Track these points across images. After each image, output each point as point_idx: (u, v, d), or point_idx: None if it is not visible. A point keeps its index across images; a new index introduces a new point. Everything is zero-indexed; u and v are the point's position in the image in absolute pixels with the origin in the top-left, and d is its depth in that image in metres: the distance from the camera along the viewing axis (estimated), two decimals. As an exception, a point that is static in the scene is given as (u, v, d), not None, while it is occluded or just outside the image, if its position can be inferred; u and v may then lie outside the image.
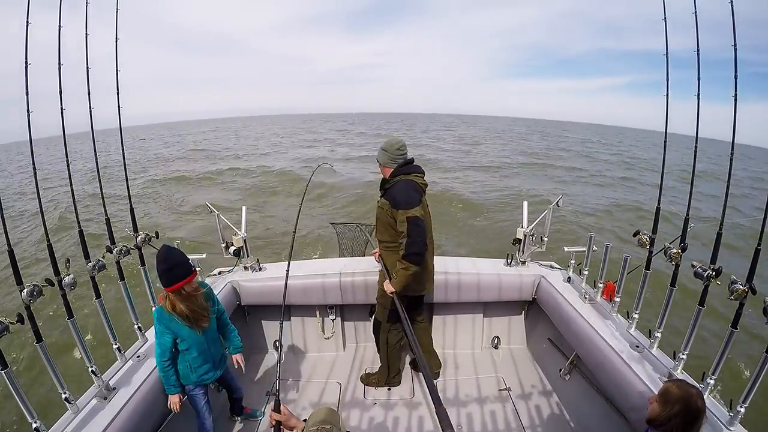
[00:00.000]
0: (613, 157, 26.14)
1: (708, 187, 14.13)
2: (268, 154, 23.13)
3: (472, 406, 2.58)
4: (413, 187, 2.27)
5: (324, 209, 10.66)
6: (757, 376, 1.51)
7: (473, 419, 2.47)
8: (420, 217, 2.19)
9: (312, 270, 2.92)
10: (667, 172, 2.14)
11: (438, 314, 3.13)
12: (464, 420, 2.47)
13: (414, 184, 2.28)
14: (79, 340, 1.76)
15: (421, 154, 20.88)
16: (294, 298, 2.86)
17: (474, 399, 2.64)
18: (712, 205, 10.68)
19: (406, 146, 2.35)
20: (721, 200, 1.78)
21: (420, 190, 2.30)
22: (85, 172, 15.36)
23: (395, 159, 2.31)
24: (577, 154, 25.68)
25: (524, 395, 2.67)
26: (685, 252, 1.89)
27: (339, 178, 13.88)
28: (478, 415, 2.50)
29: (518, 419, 2.46)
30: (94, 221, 8.14)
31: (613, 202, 11.85)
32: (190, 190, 13.88)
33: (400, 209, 2.20)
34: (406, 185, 2.26)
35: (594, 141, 43.32)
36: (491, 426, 2.43)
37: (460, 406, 2.57)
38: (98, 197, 2.23)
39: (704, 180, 16.13)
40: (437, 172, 15.71)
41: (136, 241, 2.19)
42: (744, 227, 7.66)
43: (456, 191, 12.11)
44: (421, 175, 2.35)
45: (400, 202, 2.21)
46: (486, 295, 2.90)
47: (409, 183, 2.27)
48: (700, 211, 9.77)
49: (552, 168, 18.55)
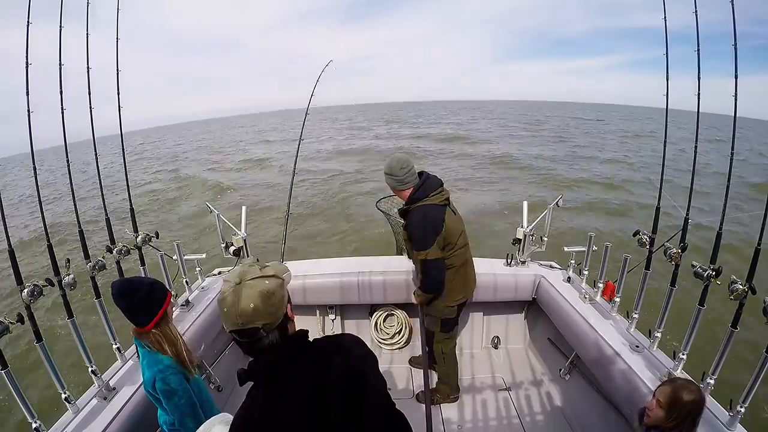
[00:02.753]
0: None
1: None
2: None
3: (471, 406, 2.58)
4: (430, 217, 2.06)
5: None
6: (757, 376, 1.51)
7: (473, 419, 2.47)
8: (436, 260, 2.07)
9: (312, 270, 2.92)
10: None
11: None
12: (464, 420, 2.47)
13: (430, 211, 2.07)
14: (79, 340, 1.76)
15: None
16: (294, 298, 2.85)
17: (474, 399, 2.64)
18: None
19: (410, 161, 2.12)
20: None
21: (439, 214, 2.09)
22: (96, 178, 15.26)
23: (405, 181, 2.09)
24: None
25: (524, 395, 2.67)
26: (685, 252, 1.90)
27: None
28: (478, 415, 2.50)
29: (518, 419, 2.46)
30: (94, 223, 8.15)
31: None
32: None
33: (414, 249, 2.12)
34: (422, 219, 2.06)
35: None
36: (491, 426, 2.43)
37: (460, 406, 2.57)
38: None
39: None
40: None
41: (137, 241, 2.19)
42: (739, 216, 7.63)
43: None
44: (438, 193, 2.11)
45: (414, 242, 2.10)
46: (486, 294, 2.90)
47: (427, 214, 2.07)
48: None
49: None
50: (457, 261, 2.21)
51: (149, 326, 1.44)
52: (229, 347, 2.80)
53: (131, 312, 1.43)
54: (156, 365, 1.44)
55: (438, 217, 2.08)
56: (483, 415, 2.50)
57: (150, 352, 1.46)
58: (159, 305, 1.47)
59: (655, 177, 12.46)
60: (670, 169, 11.23)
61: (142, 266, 2.27)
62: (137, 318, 1.44)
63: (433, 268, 2.10)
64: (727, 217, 1.70)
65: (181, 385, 1.46)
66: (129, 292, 1.42)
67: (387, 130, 32.38)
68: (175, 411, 1.45)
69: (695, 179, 1.99)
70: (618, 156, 18.21)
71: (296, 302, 2.91)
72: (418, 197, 2.09)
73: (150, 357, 1.46)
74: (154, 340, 1.46)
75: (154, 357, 1.46)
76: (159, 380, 1.42)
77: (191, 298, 2.58)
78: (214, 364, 2.60)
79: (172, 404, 1.44)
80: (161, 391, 1.42)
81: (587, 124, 39.19)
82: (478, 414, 2.51)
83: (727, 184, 1.76)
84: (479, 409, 2.55)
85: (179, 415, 1.45)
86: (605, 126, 37.60)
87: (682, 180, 9.86)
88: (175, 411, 1.45)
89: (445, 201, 2.15)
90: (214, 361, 2.61)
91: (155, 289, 1.47)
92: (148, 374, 1.45)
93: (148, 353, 1.46)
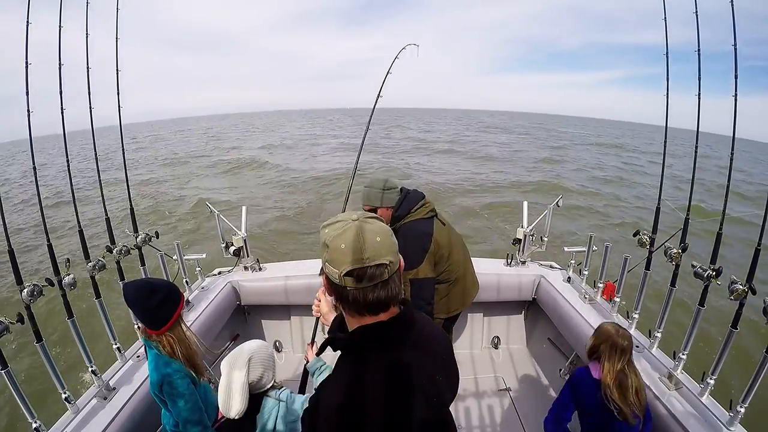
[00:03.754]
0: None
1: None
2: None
3: (471, 406, 2.58)
4: (417, 233, 1.98)
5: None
6: (757, 376, 1.51)
7: (473, 419, 2.47)
8: (425, 278, 1.95)
9: (312, 270, 2.91)
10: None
11: None
12: (464, 420, 2.47)
13: (416, 226, 2.00)
14: (79, 340, 1.76)
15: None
16: (294, 298, 2.86)
17: (474, 399, 2.64)
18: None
19: (392, 179, 2.06)
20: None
21: (426, 229, 2.01)
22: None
23: (387, 198, 1.99)
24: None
25: (524, 395, 2.66)
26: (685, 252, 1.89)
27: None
28: (478, 415, 2.50)
29: (518, 419, 2.46)
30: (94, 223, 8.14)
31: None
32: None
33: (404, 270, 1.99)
34: (408, 237, 1.96)
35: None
36: (491, 426, 2.43)
37: (460, 406, 2.57)
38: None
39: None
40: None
41: (136, 241, 2.19)
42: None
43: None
44: (421, 207, 2.04)
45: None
46: (486, 295, 2.90)
47: (412, 229, 1.99)
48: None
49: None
50: (452, 275, 2.10)
51: (164, 329, 1.42)
52: (230, 347, 2.80)
53: (149, 314, 1.40)
54: (165, 368, 1.41)
55: (426, 231, 1.99)
56: (483, 415, 2.50)
57: (160, 354, 1.42)
58: (176, 307, 1.44)
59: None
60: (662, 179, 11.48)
61: (142, 266, 2.27)
62: (155, 320, 1.41)
63: (421, 288, 1.96)
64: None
65: (189, 389, 1.44)
66: (148, 294, 1.39)
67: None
68: (181, 415, 1.42)
69: (695, 179, 1.99)
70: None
71: (296, 302, 2.91)
72: (400, 215, 2.01)
73: (159, 359, 1.43)
74: (167, 342, 1.42)
75: (163, 359, 1.42)
76: (167, 383, 1.40)
77: (191, 298, 2.59)
78: (214, 364, 2.60)
79: (178, 408, 1.41)
80: (168, 393, 1.40)
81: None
82: (478, 414, 2.51)
83: (727, 184, 1.77)
84: (479, 409, 2.55)
85: (184, 419, 1.43)
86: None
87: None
88: (180, 415, 1.42)
89: (430, 213, 2.06)
90: (215, 361, 2.61)
91: (173, 290, 1.45)
92: (155, 376, 1.42)
93: (158, 355, 1.43)
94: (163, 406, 1.49)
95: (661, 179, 2.14)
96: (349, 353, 0.82)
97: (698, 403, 1.70)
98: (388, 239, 0.77)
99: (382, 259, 0.74)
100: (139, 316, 1.43)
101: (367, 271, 0.74)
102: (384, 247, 0.75)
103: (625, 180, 15.53)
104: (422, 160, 18.49)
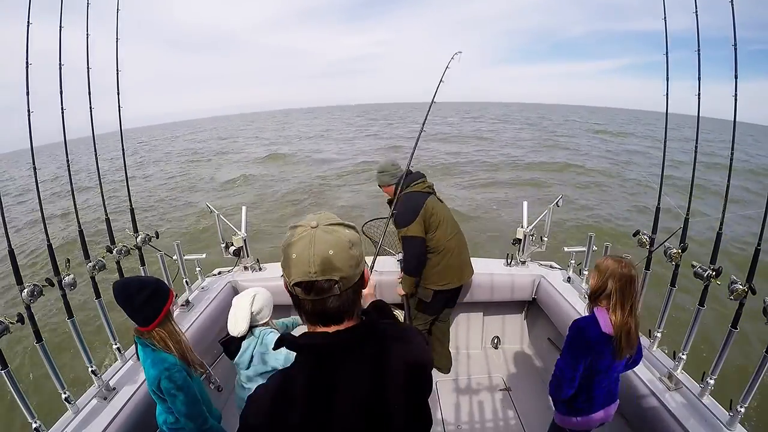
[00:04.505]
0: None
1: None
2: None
3: (471, 406, 2.58)
4: (412, 200, 2.36)
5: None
6: (757, 376, 1.51)
7: (473, 419, 2.47)
8: (414, 237, 2.32)
9: None
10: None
11: None
12: (464, 420, 2.47)
13: (412, 195, 2.38)
14: (79, 341, 1.76)
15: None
16: None
17: (473, 399, 2.64)
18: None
19: (398, 163, 2.55)
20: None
21: (420, 198, 2.38)
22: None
23: (396, 175, 2.45)
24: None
25: (524, 395, 2.66)
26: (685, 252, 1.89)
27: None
28: (478, 415, 2.50)
29: (518, 419, 2.46)
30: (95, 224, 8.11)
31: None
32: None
33: (399, 228, 2.37)
34: (405, 202, 2.35)
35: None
36: (491, 426, 2.43)
37: (460, 406, 2.57)
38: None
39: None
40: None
41: (136, 241, 2.19)
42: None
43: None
44: (420, 182, 2.44)
45: (398, 222, 2.35)
46: (485, 294, 2.90)
47: (409, 197, 2.37)
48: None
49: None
50: (440, 245, 2.39)
51: (154, 324, 1.43)
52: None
53: (136, 311, 1.41)
54: (161, 363, 1.43)
55: (419, 200, 2.37)
56: (482, 415, 2.50)
57: (154, 351, 1.44)
58: (164, 303, 1.46)
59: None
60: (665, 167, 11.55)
61: (142, 266, 2.27)
62: (142, 317, 1.43)
63: (412, 246, 2.34)
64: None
65: (186, 382, 1.46)
66: (135, 291, 1.40)
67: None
68: (181, 408, 1.44)
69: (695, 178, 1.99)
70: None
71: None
72: (402, 187, 2.39)
73: (154, 356, 1.45)
74: (159, 338, 1.44)
75: (158, 355, 1.44)
76: (164, 378, 1.41)
77: (191, 298, 2.58)
78: (214, 364, 2.60)
79: (178, 402, 1.43)
80: (166, 389, 1.42)
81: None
82: (477, 414, 2.51)
83: (727, 184, 1.76)
84: (479, 409, 2.55)
85: (184, 412, 1.45)
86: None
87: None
88: (180, 408, 1.44)
89: (427, 189, 2.45)
90: (214, 361, 2.61)
91: (160, 287, 1.47)
92: (153, 372, 1.43)
93: (152, 352, 1.45)
94: (161, 403, 1.51)
95: (661, 179, 2.14)
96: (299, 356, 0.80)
97: (698, 403, 1.70)
98: (344, 253, 0.73)
99: (332, 275, 0.71)
100: (128, 313, 1.43)
101: (315, 284, 0.71)
102: (337, 261, 0.71)
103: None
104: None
